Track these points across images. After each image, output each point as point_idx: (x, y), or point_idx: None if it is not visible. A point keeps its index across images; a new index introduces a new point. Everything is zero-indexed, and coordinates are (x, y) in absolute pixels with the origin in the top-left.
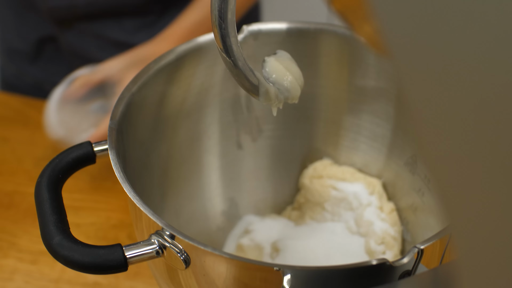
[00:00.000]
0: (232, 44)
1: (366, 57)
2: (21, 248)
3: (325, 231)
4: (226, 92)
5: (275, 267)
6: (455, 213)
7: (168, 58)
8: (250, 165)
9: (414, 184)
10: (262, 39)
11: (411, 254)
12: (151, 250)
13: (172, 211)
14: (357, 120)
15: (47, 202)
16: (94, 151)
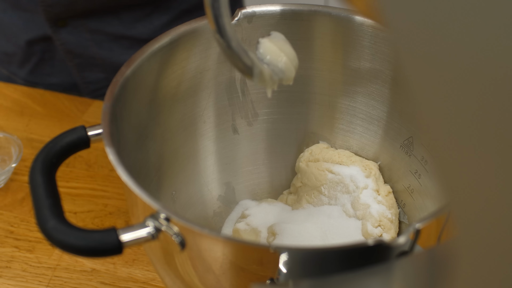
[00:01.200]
0: (225, 24)
1: (361, 39)
2: (18, 237)
3: (322, 215)
4: (221, 76)
5: (271, 248)
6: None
7: (162, 41)
8: (246, 149)
9: (410, 166)
10: (256, 21)
11: (407, 234)
12: (146, 233)
13: (169, 197)
14: (352, 103)
15: (41, 186)
16: (88, 135)
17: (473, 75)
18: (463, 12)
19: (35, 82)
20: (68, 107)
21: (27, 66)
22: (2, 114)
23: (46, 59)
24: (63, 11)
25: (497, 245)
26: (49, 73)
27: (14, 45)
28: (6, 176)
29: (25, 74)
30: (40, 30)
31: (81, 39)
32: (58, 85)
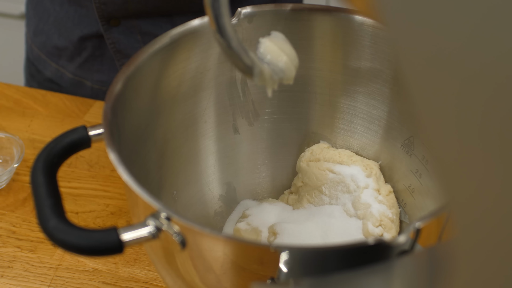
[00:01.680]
0: (225, 24)
1: (361, 38)
2: (20, 237)
3: (323, 214)
4: (222, 76)
5: (271, 247)
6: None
7: (163, 42)
8: (247, 149)
9: (411, 165)
10: (257, 21)
11: (408, 233)
12: (147, 233)
13: (169, 196)
14: (353, 103)
15: (43, 186)
16: (89, 135)
17: (473, 74)
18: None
19: (83, 77)
20: (69, 107)
21: (77, 60)
22: (4, 115)
23: (96, 55)
24: (116, 9)
25: (497, 245)
26: (98, 70)
27: (66, 39)
28: (8, 177)
29: (74, 68)
30: (93, 27)
31: (132, 40)
32: (105, 82)
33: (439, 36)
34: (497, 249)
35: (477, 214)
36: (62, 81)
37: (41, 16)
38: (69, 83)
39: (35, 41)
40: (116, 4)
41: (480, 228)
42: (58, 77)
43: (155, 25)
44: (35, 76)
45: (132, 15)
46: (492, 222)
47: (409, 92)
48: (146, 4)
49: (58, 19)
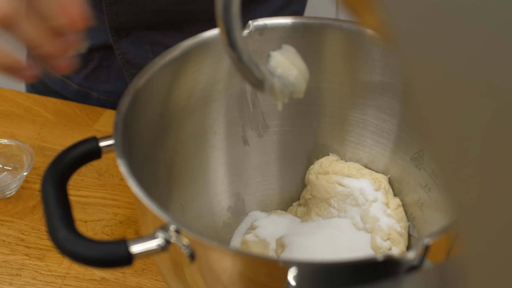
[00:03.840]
0: (236, 37)
1: (372, 52)
2: (29, 244)
3: (331, 227)
4: (232, 88)
5: (280, 262)
6: (462, 208)
7: (174, 53)
8: (256, 161)
9: (420, 179)
10: (268, 34)
11: (417, 249)
12: (156, 245)
13: (178, 207)
14: (363, 116)
15: (53, 197)
16: (100, 146)
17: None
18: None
19: (89, 88)
20: (79, 115)
21: (83, 71)
22: (15, 122)
23: (103, 66)
24: (128, 20)
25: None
26: (105, 80)
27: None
28: (18, 184)
29: (80, 79)
30: (101, 38)
31: (141, 50)
32: (112, 93)
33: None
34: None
35: (487, 230)
36: (67, 92)
37: None
38: (75, 94)
39: None
40: (128, 15)
41: (490, 245)
42: (64, 89)
43: (164, 35)
44: (38, 88)
45: (143, 26)
46: (502, 240)
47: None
48: (158, 16)
49: None
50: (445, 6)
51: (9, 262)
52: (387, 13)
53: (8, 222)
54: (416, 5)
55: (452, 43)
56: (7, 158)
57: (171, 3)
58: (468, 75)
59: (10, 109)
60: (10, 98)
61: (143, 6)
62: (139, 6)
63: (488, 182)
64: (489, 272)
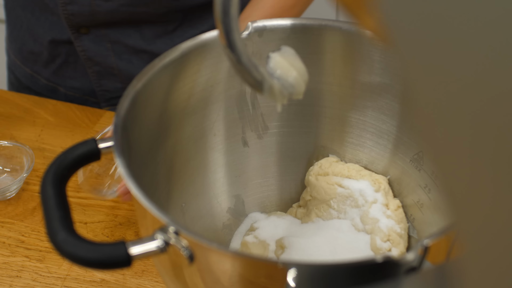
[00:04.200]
0: (235, 39)
1: (371, 53)
2: (29, 246)
3: (331, 229)
4: (231, 89)
5: (279, 264)
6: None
7: (173, 55)
8: (256, 162)
9: (420, 180)
10: (267, 35)
11: (416, 250)
12: (155, 247)
13: (178, 209)
14: (362, 117)
15: (52, 198)
16: (99, 148)
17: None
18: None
19: (57, 83)
20: (79, 117)
21: (51, 66)
22: (15, 124)
23: (70, 62)
24: (84, 20)
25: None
26: (71, 76)
27: (40, 45)
28: (18, 186)
29: (48, 74)
30: (65, 34)
31: (102, 48)
32: (78, 89)
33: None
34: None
35: (486, 232)
36: (37, 86)
37: (15, 23)
38: (44, 88)
39: (11, 47)
40: (84, 15)
41: (489, 246)
42: (34, 83)
43: (123, 34)
44: (14, 84)
45: (101, 25)
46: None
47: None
48: (113, 16)
49: (30, 26)
50: (442, 8)
51: (9, 263)
52: (386, 15)
53: (8, 224)
54: (414, 7)
55: (450, 45)
56: (7, 160)
57: (123, 5)
58: (467, 76)
59: (10, 110)
60: (10, 99)
61: (96, 7)
62: (92, 7)
63: (487, 184)
64: (488, 273)
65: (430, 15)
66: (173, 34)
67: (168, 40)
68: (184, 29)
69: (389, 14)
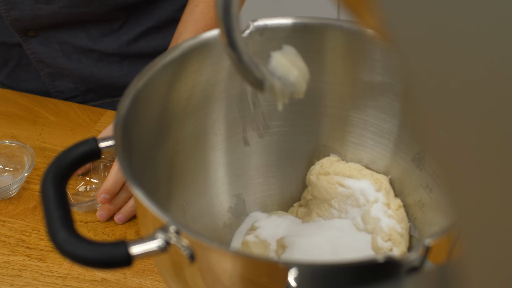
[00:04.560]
0: (236, 38)
1: (373, 52)
2: (30, 245)
3: (332, 228)
4: (232, 88)
5: (280, 263)
6: (463, 209)
7: (174, 54)
8: (256, 161)
9: (421, 180)
10: (268, 34)
11: (417, 250)
12: (156, 246)
13: (179, 208)
14: (363, 116)
15: (53, 197)
16: (99, 147)
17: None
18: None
19: (11, 87)
20: (80, 116)
21: (4, 70)
22: (16, 123)
23: (22, 64)
24: (29, 24)
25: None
26: (25, 79)
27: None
28: (19, 185)
29: (2, 78)
30: (14, 38)
31: (51, 50)
32: (32, 92)
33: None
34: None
35: (488, 231)
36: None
37: None
38: None
39: None
40: (27, 19)
41: (491, 246)
42: None
43: (70, 35)
44: None
45: (48, 27)
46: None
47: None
48: (55, 19)
49: None
50: (443, 7)
51: (10, 262)
52: (387, 13)
53: (9, 223)
54: (415, 6)
55: (451, 43)
56: (8, 159)
57: (63, 7)
58: (468, 75)
59: (11, 110)
60: (11, 99)
61: (38, 11)
62: (34, 11)
63: (488, 183)
64: (490, 273)
65: (431, 14)
66: (119, 32)
67: (114, 38)
68: (130, 25)
69: (390, 13)
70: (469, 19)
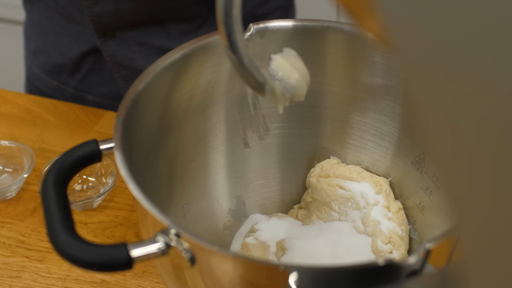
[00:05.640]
0: (237, 41)
1: (373, 54)
2: (29, 247)
3: (332, 231)
4: (233, 90)
5: (281, 266)
6: (464, 212)
7: (174, 56)
8: (257, 163)
9: (421, 182)
10: (269, 36)
11: (418, 253)
12: (156, 249)
13: (179, 210)
14: (364, 119)
15: (53, 200)
16: (100, 149)
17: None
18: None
19: (85, 91)
20: (80, 117)
21: (77, 75)
22: (15, 124)
23: (96, 69)
24: (110, 21)
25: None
26: (99, 83)
27: (65, 56)
28: (18, 186)
29: (75, 83)
30: (91, 42)
31: (128, 51)
32: (106, 95)
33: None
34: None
35: (488, 234)
36: (64, 97)
37: (40, 36)
38: (72, 98)
39: (35, 61)
40: (110, 15)
41: (491, 249)
42: (60, 94)
43: (149, 35)
44: (34, 92)
45: (127, 26)
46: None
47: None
48: (139, 13)
49: (57, 37)
50: (446, 11)
51: (9, 264)
52: (388, 18)
53: (9, 224)
54: (416, 10)
55: (452, 48)
56: (8, 160)
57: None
58: (469, 79)
59: (10, 110)
60: (10, 99)
61: (122, 4)
62: (117, 4)
63: (488, 186)
64: (490, 276)
65: (432, 18)
66: (199, 31)
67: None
68: (209, 23)
69: (391, 17)
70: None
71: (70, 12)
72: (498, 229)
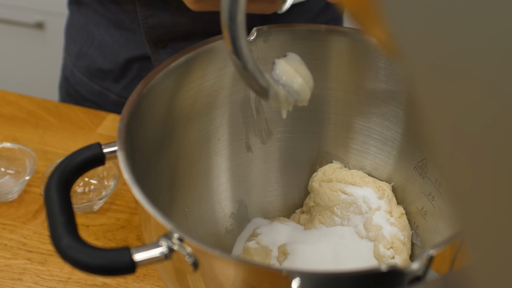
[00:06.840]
0: (242, 45)
1: (377, 59)
2: (31, 249)
3: (334, 235)
4: (236, 94)
5: (283, 272)
6: (467, 217)
7: (178, 60)
8: (259, 167)
9: (424, 188)
10: (272, 41)
11: (421, 259)
12: (159, 253)
13: (181, 213)
14: (367, 123)
15: (56, 203)
16: (103, 152)
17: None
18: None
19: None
20: (82, 119)
21: (122, 81)
22: (17, 126)
23: (142, 76)
24: (164, 33)
25: None
26: None
27: (111, 62)
28: (20, 188)
29: (119, 89)
30: (140, 49)
31: None
32: None
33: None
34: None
35: (492, 240)
36: (106, 102)
37: (85, 40)
38: (114, 104)
39: (78, 65)
40: (164, 28)
41: (494, 255)
42: (102, 99)
43: None
44: (72, 95)
45: (179, 38)
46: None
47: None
48: (194, 26)
49: (103, 43)
50: (451, 19)
51: (10, 266)
52: (394, 25)
53: (10, 226)
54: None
55: (457, 55)
56: (10, 162)
57: (205, 13)
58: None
59: (13, 112)
60: (13, 101)
61: (178, 18)
62: (174, 17)
63: (492, 191)
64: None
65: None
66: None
67: None
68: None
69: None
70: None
71: (121, 20)
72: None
